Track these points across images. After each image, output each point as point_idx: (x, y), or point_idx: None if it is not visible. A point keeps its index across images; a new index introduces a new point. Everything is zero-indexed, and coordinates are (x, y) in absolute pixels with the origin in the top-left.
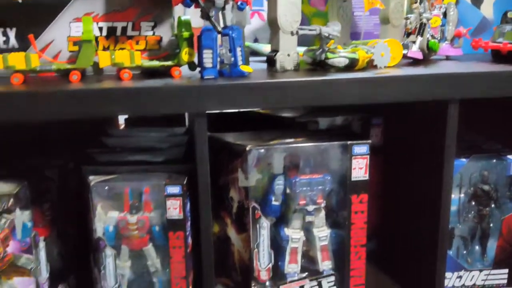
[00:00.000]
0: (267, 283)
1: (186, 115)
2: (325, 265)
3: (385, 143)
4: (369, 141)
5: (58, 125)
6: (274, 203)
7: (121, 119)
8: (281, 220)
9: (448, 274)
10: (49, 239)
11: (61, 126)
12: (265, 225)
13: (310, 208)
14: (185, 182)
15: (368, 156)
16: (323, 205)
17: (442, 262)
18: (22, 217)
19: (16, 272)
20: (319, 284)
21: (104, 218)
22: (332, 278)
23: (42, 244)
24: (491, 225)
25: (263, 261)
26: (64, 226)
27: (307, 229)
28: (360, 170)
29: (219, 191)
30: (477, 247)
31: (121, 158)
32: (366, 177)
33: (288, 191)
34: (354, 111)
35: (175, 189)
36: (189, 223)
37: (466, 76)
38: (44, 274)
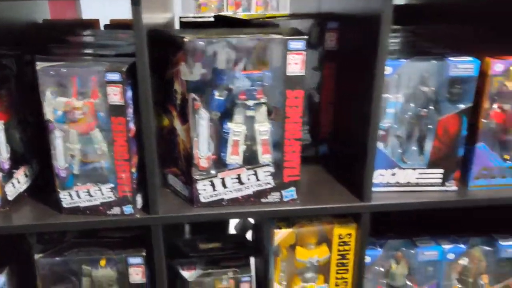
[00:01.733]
0: (207, 171)
1: None
2: (265, 157)
3: (339, 51)
4: (305, 37)
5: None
6: (217, 97)
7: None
8: (226, 114)
9: (382, 171)
10: (8, 124)
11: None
12: (204, 116)
13: (250, 103)
14: (124, 69)
15: (303, 52)
16: (263, 100)
17: (371, 159)
18: None
19: None
20: (256, 173)
21: (54, 103)
22: (268, 168)
23: (0, 127)
24: (428, 126)
25: (202, 150)
26: (24, 114)
27: (249, 123)
28: (295, 65)
29: (166, 84)
30: (414, 147)
31: (75, 52)
32: (302, 72)
33: (230, 86)
34: (311, 16)
35: (115, 76)
36: (131, 110)
37: None
38: (4, 154)
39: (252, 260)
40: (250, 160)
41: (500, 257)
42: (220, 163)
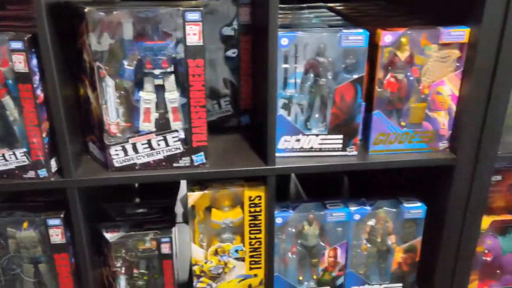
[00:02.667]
0: (118, 136)
1: None
2: (176, 125)
3: (252, 24)
4: (201, 9)
5: None
6: (127, 67)
7: None
8: (138, 84)
9: (287, 138)
10: None
11: None
12: (110, 83)
13: (157, 72)
14: (27, 38)
15: (200, 23)
16: (169, 69)
17: (272, 125)
18: None
19: None
20: (165, 139)
21: None
22: (176, 134)
23: None
24: (328, 94)
25: (112, 116)
26: None
27: (159, 92)
28: (194, 36)
29: (78, 54)
30: (317, 115)
31: None
32: (200, 42)
33: (137, 56)
34: None
35: (17, 44)
36: (37, 77)
37: None
38: None
39: (174, 223)
40: (164, 127)
41: (404, 218)
42: (134, 130)
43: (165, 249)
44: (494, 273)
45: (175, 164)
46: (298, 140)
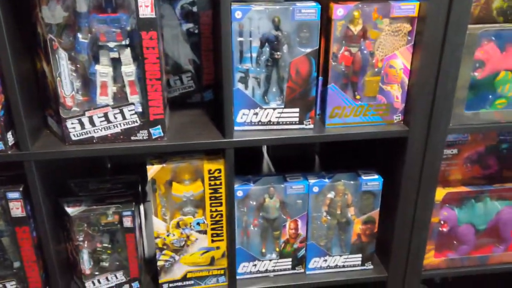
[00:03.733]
0: (74, 109)
1: None
2: (133, 98)
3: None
4: None
5: None
6: (81, 40)
7: None
8: (94, 57)
9: (245, 111)
10: None
11: None
12: (63, 56)
13: (112, 45)
14: None
15: None
16: (124, 42)
17: (229, 98)
18: None
19: None
20: (121, 112)
21: None
22: (132, 107)
23: None
24: (283, 68)
25: (66, 89)
26: None
27: (116, 65)
28: (146, 8)
29: (34, 28)
30: (274, 89)
31: None
32: (153, 15)
33: (91, 29)
34: None
35: None
36: None
37: None
38: None
39: (138, 198)
40: (122, 101)
41: (362, 190)
42: (91, 104)
43: (127, 222)
44: (451, 243)
45: (133, 138)
46: (256, 114)
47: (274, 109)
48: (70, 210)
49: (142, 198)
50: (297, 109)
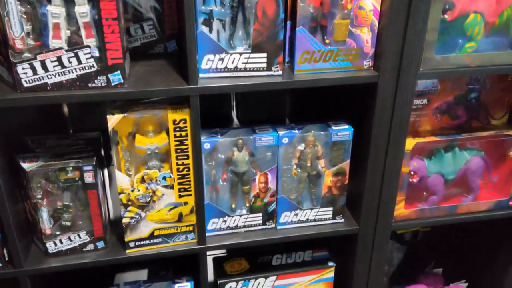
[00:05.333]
0: (25, 53)
1: None
2: (90, 42)
3: None
4: None
5: None
6: None
7: None
8: None
9: (210, 56)
10: None
11: None
12: None
13: None
14: None
15: None
16: None
17: (191, 41)
18: None
19: None
20: (76, 55)
21: None
22: (88, 50)
23: None
24: (249, 9)
25: (15, 30)
26: None
27: (69, 6)
28: None
29: None
30: (240, 32)
31: None
32: None
33: None
34: None
35: None
36: None
37: None
38: None
39: (100, 153)
40: (77, 45)
41: (332, 141)
42: (43, 48)
43: (88, 178)
44: (421, 194)
45: (90, 84)
46: (222, 59)
47: (240, 54)
48: (26, 165)
49: (106, 160)
50: (265, 54)
